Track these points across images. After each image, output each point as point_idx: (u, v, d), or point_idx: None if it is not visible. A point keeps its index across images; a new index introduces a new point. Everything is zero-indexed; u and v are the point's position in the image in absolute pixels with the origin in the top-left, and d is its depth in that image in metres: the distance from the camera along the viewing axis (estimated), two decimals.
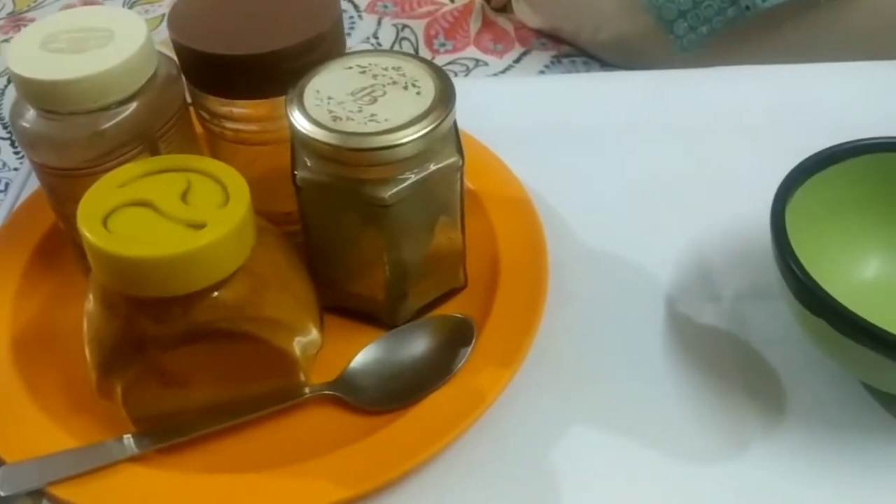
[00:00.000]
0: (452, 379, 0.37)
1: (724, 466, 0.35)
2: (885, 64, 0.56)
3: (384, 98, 0.35)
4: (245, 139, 0.40)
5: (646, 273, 0.43)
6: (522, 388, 0.38)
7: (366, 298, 0.39)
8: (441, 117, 0.35)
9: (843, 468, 0.35)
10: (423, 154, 0.35)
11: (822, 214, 0.39)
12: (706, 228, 0.45)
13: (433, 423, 0.35)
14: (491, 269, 0.42)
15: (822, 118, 0.50)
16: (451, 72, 0.68)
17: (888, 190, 0.40)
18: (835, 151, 0.38)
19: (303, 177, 0.36)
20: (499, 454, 0.36)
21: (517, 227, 0.43)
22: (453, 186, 0.37)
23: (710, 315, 0.41)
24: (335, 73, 0.37)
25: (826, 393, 0.38)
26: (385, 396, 0.37)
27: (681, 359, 0.39)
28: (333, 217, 0.37)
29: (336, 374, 0.38)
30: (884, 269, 0.40)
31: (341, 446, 0.35)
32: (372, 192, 0.35)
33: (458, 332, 0.38)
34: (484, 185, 0.46)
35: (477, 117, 0.51)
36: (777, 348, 0.39)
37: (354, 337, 0.39)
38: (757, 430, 0.36)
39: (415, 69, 0.37)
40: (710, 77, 0.56)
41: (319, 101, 0.35)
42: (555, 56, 0.69)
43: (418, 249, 0.38)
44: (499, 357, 0.37)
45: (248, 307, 0.34)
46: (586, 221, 0.46)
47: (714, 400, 0.38)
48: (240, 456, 0.36)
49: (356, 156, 0.34)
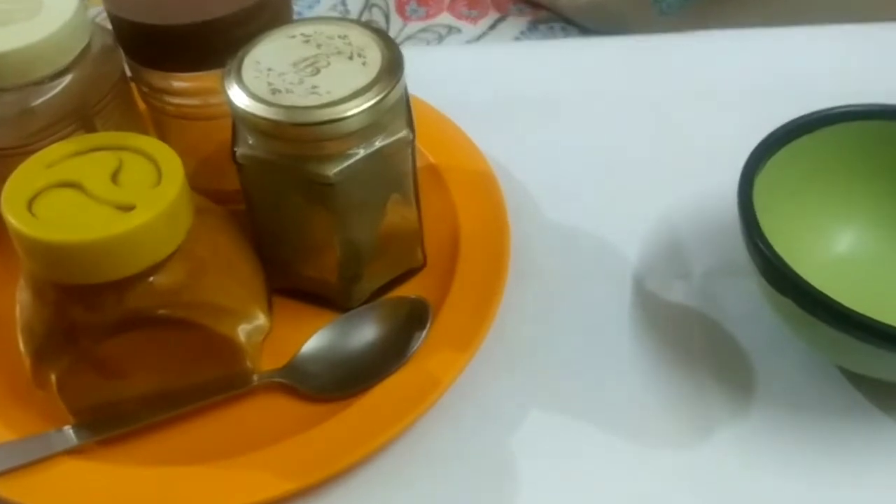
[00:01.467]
0: (407, 363, 0.35)
1: (688, 450, 0.34)
2: (867, 27, 0.54)
3: (328, 69, 0.33)
4: (188, 114, 0.38)
5: (614, 249, 0.41)
6: (482, 370, 0.36)
7: (318, 280, 0.38)
8: (387, 89, 0.32)
9: (813, 451, 0.34)
10: (369, 128, 0.33)
11: (795, 186, 0.37)
12: (678, 202, 0.43)
13: (385, 410, 0.34)
14: (451, 248, 0.40)
15: (804, 85, 0.48)
16: (422, 40, 0.66)
17: (862, 159, 0.38)
18: (806, 121, 0.36)
19: (243, 154, 0.34)
20: (456, 439, 0.35)
21: (479, 203, 0.42)
22: (405, 162, 0.35)
23: (678, 292, 0.39)
24: (278, 42, 0.34)
25: (797, 373, 0.36)
26: (336, 383, 0.35)
27: (647, 339, 0.38)
28: (278, 196, 0.35)
29: (287, 359, 0.36)
30: (860, 241, 0.39)
31: (290, 435, 0.34)
32: (316, 169, 0.33)
33: (413, 314, 0.36)
34: (446, 160, 0.44)
35: (444, 88, 0.49)
36: (747, 327, 0.38)
37: (307, 321, 0.38)
38: (724, 413, 0.35)
39: (362, 38, 0.35)
40: (687, 43, 0.54)
41: (259, 73, 0.33)
42: (531, 22, 0.66)
43: (369, 229, 0.36)
44: (456, 340, 0.36)
45: (185, 292, 0.32)
46: (554, 196, 0.44)
47: (680, 381, 0.36)
48: (185, 447, 0.34)
49: (296, 131, 0.32)
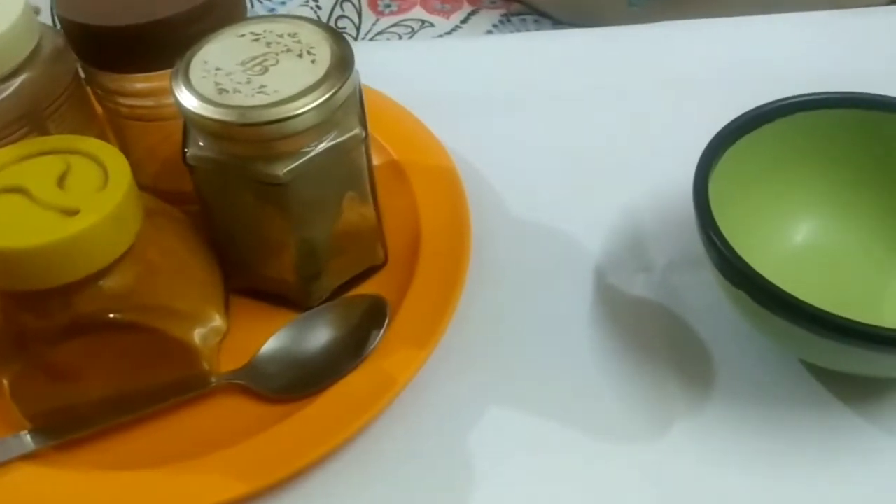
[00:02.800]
0: (364, 362, 0.35)
1: (647, 444, 0.34)
2: (833, 15, 0.53)
3: (276, 67, 0.33)
4: (142, 115, 0.38)
5: (577, 243, 0.41)
6: (441, 368, 0.36)
7: (276, 280, 0.37)
8: (336, 86, 0.32)
9: (773, 443, 0.34)
10: (320, 126, 0.32)
11: (756, 176, 0.37)
12: (643, 194, 0.43)
13: (341, 411, 0.33)
14: (413, 245, 0.40)
15: (771, 73, 0.48)
16: (395, 34, 0.65)
17: (824, 148, 0.38)
18: (764, 111, 0.36)
19: (194, 155, 0.33)
20: (414, 438, 0.34)
21: (441, 200, 0.41)
22: (358, 160, 0.35)
23: (640, 286, 0.39)
24: (226, 41, 0.34)
25: (758, 365, 0.36)
26: (293, 383, 0.35)
27: (607, 334, 0.37)
28: (231, 197, 0.34)
29: (246, 360, 0.36)
30: (822, 230, 0.38)
31: (247, 437, 0.33)
32: (266, 169, 0.32)
33: (370, 313, 0.36)
34: (409, 157, 0.44)
35: (411, 84, 0.49)
36: (709, 319, 0.37)
37: (267, 321, 0.37)
38: (683, 406, 0.35)
39: (312, 35, 0.34)
40: (654, 33, 0.53)
41: (206, 73, 0.33)
42: (504, 14, 0.66)
43: (325, 228, 0.36)
44: (414, 338, 0.36)
45: (135, 296, 0.32)
46: (519, 191, 0.44)
47: (640, 376, 0.36)
48: (143, 450, 0.34)
49: (244, 131, 0.31)
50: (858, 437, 0.34)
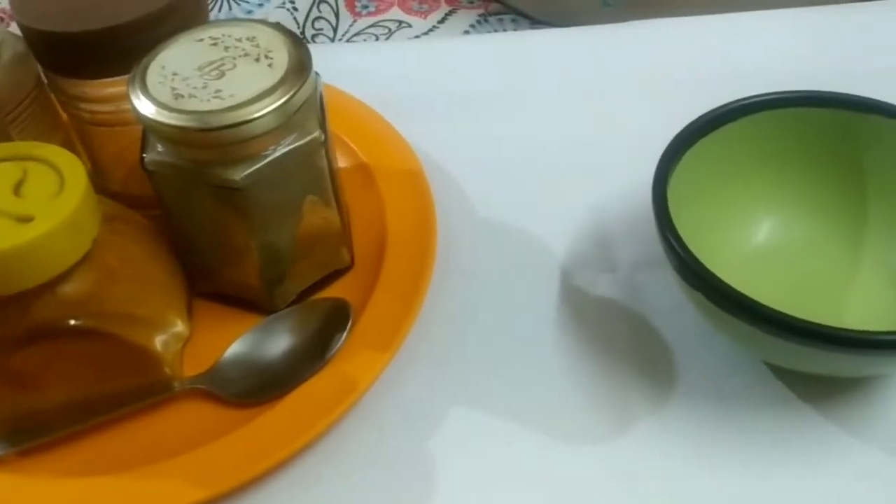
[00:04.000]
0: (327, 366, 0.35)
1: (609, 445, 0.34)
2: (805, 12, 0.53)
3: (233, 72, 0.33)
4: (104, 121, 0.38)
5: (543, 244, 0.41)
6: (405, 370, 0.36)
7: (240, 284, 0.37)
8: (292, 90, 0.32)
9: (735, 442, 0.34)
10: (277, 130, 0.32)
11: (720, 175, 0.37)
12: (610, 194, 0.43)
13: (302, 414, 0.34)
14: (379, 248, 0.40)
15: (742, 72, 0.48)
16: (372, 35, 0.65)
17: (788, 147, 0.37)
18: (725, 111, 0.36)
19: (152, 160, 0.33)
20: (377, 441, 0.34)
21: (408, 202, 0.41)
22: (318, 163, 0.35)
23: (604, 286, 0.39)
24: (184, 46, 0.34)
25: (720, 365, 0.36)
26: (255, 388, 0.35)
27: (572, 334, 0.37)
28: (191, 201, 0.34)
29: (210, 364, 0.36)
30: (787, 229, 0.38)
31: (208, 442, 0.33)
32: (224, 174, 0.32)
33: (333, 316, 0.36)
34: (378, 159, 0.44)
35: (382, 85, 0.49)
36: (671, 320, 0.37)
37: (232, 325, 0.37)
38: (646, 406, 0.35)
39: (270, 39, 0.34)
40: (628, 33, 0.53)
41: (163, 78, 0.33)
42: (482, 14, 0.66)
43: (287, 232, 0.36)
44: (377, 341, 0.36)
45: (93, 302, 0.32)
46: (488, 192, 0.44)
47: (603, 376, 0.36)
48: (106, 456, 0.34)
49: (200, 136, 0.31)
50: (820, 436, 0.34)
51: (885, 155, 0.36)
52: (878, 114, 0.36)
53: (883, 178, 0.37)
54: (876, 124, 0.36)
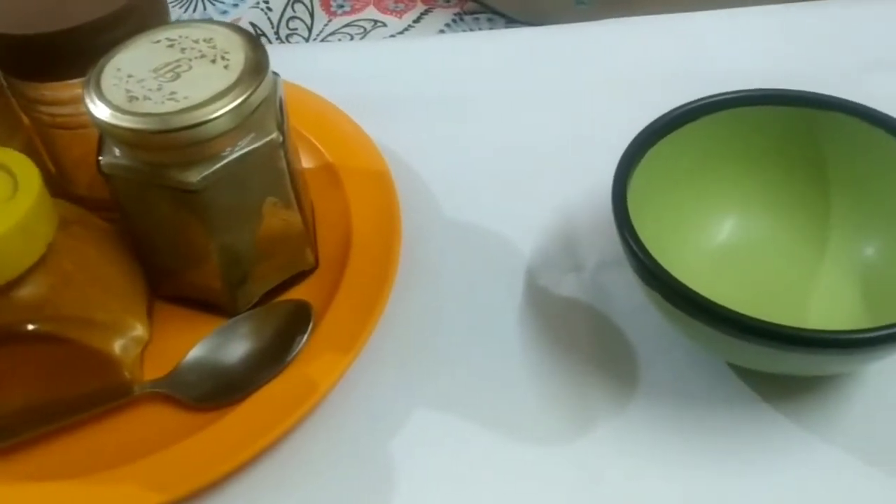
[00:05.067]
0: (287, 369, 0.35)
1: (570, 445, 0.34)
2: (782, 7, 0.53)
3: (188, 73, 0.33)
4: (64, 124, 0.37)
5: (509, 244, 0.41)
6: (368, 372, 0.36)
7: (202, 287, 0.37)
8: (248, 91, 0.32)
9: (695, 443, 0.33)
10: (233, 132, 0.32)
11: (683, 174, 0.37)
12: (577, 194, 0.43)
13: (262, 418, 0.33)
14: (345, 249, 0.40)
15: (714, 69, 0.48)
16: (346, 35, 0.65)
17: (751, 146, 0.37)
18: (686, 111, 0.36)
19: (108, 163, 0.33)
20: (338, 444, 0.34)
21: (373, 202, 0.41)
22: (277, 165, 0.35)
23: (569, 286, 0.39)
24: (141, 48, 0.34)
25: (683, 365, 0.36)
26: (215, 391, 0.34)
27: (536, 335, 0.37)
28: (149, 204, 0.34)
29: (172, 368, 0.36)
30: (747, 228, 0.38)
31: (168, 446, 0.33)
32: (179, 176, 0.32)
33: (295, 318, 0.36)
34: (344, 160, 0.44)
35: (354, 85, 0.49)
36: (635, 319, 0.37)
37: (195, 328, 0.37)
38: (607, 407, 0.35)
39: (227, 40, 0.34)
40: (599, 32, 0.53)
41: (118, 81, 0.32)
42: (457, 14, 0.66)
43: (247, 234, 0.35)
44: (339, 343, 0.35)
45: (49, 306, 0.32)
46: (455, 192, 0.44)
47: (565, 378, 0.36)
48: (65, 461, 0.34)
49: (154, 139, 0.31)
50: (782, 435, 0.34)
51: (847, 152, 0.36)
52: (838, 111, 0.36)
53: (845, 176, 0.37)
54: (837, 121, 0.36)
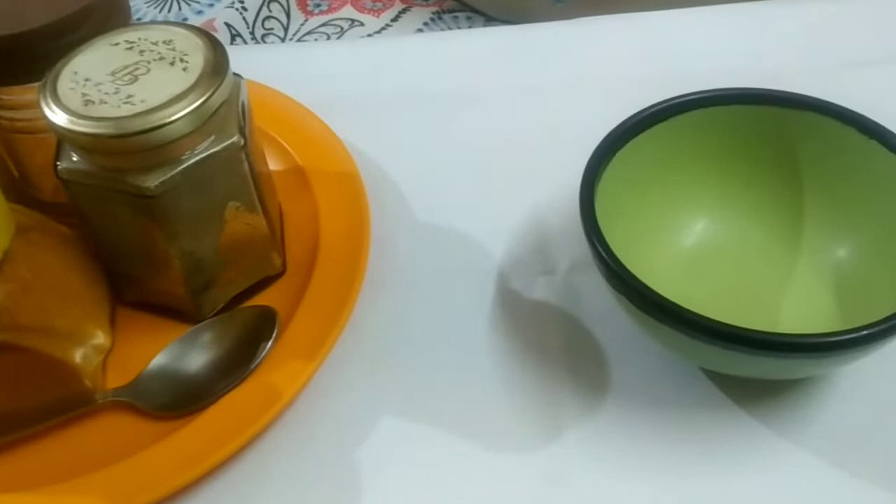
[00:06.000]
0: (252, 376, 0.34)
1: (539, 451, 0.33)
2: (757, 6, 0.53)
3: (146, 76, 0.32)
4: (24, 128, 0.37)
5: (481, 246, 0.40)
6: (335, 379, 0.36)
7: (165, 293, 0.37)
8: (206, 94, 0.31)
9: (665, 448, 0.33)
10: (191, 136, 0.32)
11: (650, 176, 0.37)
12: (550, 195, 0.42)
13: (224, 427, 0.33)
14: (312, 253, 0.39)
15: (687, 67, 0.47)
16: (323, 34, 0.65)
17: (719, 146, 0.37)
18: (655, 111, 0.36)
19: (66, 168, 0.32)
20: (302, 453, 0.34)
21: (342, 206, 0.40)
22: (239, 169, 0.34)
23: (541, 289, 0.38)
24: (100, 50, 0.33)
25: (653, 369, 0.35)
26: (177, 400, 0.34)
27: (506, 339, 0.37)
28: (108, 210, 0.33)
29: (135, 376, 0.35)
30: (718, 229, 0.38)
31: (129, 456, 0.33)
32: (137, 181, 0.32)
33: (259, 324, 0.35)
34: (314, 162, 0.43)
35: (325, 86, 0.49)
36: (606, 323, 0.37)
37: (160, 334, 0.37)
38: (577, 411, 0.34)
39: (187, 42, 0.33)
40: (574, 31, 0.53)
41: (75, 84, 0.32)
42: (436, 12, 0.65)
43: (209, 239, 0.35)
44: (304, 350, 0.35)
45: (5, 315, 0.31)
46: (427, 194, 0.43)
47: (535, 383, 0.35)
48: (26, 471, 0.33)
49: (110, 143, 0.31)
50: (753, 439, 0.33)
51: (820, 152, 0.36)
52: (811, 110, 0.35)
53: (818, 176, 0.36)
54: (809, 121, 0.35)
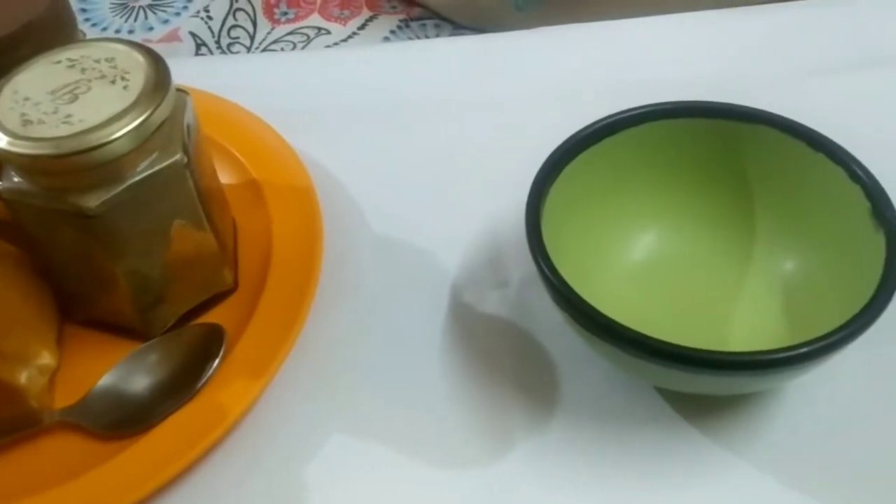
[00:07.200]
0: (199, 395, 0.34)
1: (487, 468, 0.33)
2: (717, 14, 0.53)
3: (86, 95, 0.32)
4: None
5: (435, 260, 0.40)
6: (285, 397, 0.35)
7: (114, 311, 0.36)
8: (146, 113, 0.31)
9: (614, 463, 0.33)
10: (132, 155, 0.31)
11: (599, 190, 0.36)
12: (506, 207, 0.42)
13: (167, 448, 0.32)
14: (265, 269, 0.39)
15: (647, 77, 0.47)
16: (289, 43, 0.64)
17: (669, 160, 0.37)
18: (606, 124, 0.35)
19: (7, 188, 0.32)
20: (248, 475, 0.33)
21: (295, 220, 0.40)
22: (183, 187, 0.34)
23: (494, 303, 0.38)
24: (41, 69, 0.33)
25: (603, 385, 0.35)
26: (123, 420, 0.34)
27: (457, 354, 0.36)
28: (50, 230, 0.33)
29: (82, 396, 0.35)
30: (670, 243, 0.38)
31: (73, 478, 0.32)
32: (78, 201, 0.31)
33: (207, 343, 0.35)
34: (269, 176, 0.43)
35: (285, 98, 0.48)
36: (557, 337, 0.36)
37: (110, 353, 0.36)
38: (525, 426, 0.34)
39: (129, 60, 0.33)
40: (537, 40, 0.52)
41: (14, 104, 0.31)
42: (403, 20, 0.65)
43: (155, 257, 0.34)
44: (252, 368, 0.34)
45: None
46: (383, 207, 0.43)
47: (485, 398, 0.35)
48: None
49: (48, 163, 0.30)
50: (701, 455, 0.33)
51: (770, 165, 0.36)
52: (761, 123, 0.35)
53: (768, 190, 0.36)
54: (760, 134, 0.35)
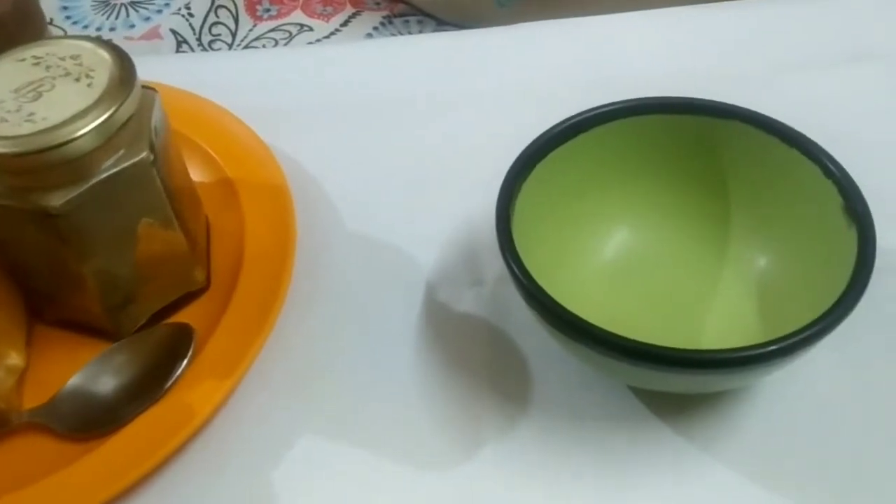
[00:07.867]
0: (167, 396, 0.34)
1: (458, 469, 0.33)
2: (692, 10, 0.52)
3: (50, 93, 0.31)
4: None
5: (410, 259, 0.40)
6: (253, 398, 0.35)
7: (84, 311, 0.36)
8: (110, 110, 0.31)
9: (586, 462, 0.33)
10: (96, 153, 0.31)
11: (572, 188, 0.36)
12: (481, 205, 0.41)
13: (134, 449, 0.32)
14: (237, 267, 0.38)
15: (625, 72, 0.47)
16: (271, 40, 0.64)
17: (643, 156, 0.36)
18: (578, 121, 0.35)
19: None
20: (217, 476, 0.33)
21: (268, 218, 0.40)
22: (151, 185, 0.33)
23: (468, 302, 0.38)
24: (5, 67, 0.32)
25: (576, 383, 0.35)
26: (90, 421, 0.33)
27: (431, 353, 0.36)
28: (16, 230, 0.33)
29: (50, 397, 0.35)
30: (644, 240, 0.37)
31: (40, 479, 0.32)
32: (41, 201, 0.31)
33: (175, 343, 0.35)
34: (243, 174, 0.42)
35: (263, 95, 0.48)
36: (530, 335, 0.36)
37: (80, 352, 0.36)
38: (497, 425, 0.34)
39: (94, 57, 0.33)
40: (517, 35, 0.52)
41: None
42: (386, 16, 0.64)
43: (122, 256, 0.34)
44: (221, 368, 0.34)
45: None
46: (358, 204, 0.43)
47: (458, 397, 0.35)
48: None
49: (10, 162, 0.30)
50: (674, 453, 0.33)
51: (744, 161, 0.35)
52: (735, 119, 0.35)
53: (742, 186, 0.36)
54: (734, 130, 0.35)
